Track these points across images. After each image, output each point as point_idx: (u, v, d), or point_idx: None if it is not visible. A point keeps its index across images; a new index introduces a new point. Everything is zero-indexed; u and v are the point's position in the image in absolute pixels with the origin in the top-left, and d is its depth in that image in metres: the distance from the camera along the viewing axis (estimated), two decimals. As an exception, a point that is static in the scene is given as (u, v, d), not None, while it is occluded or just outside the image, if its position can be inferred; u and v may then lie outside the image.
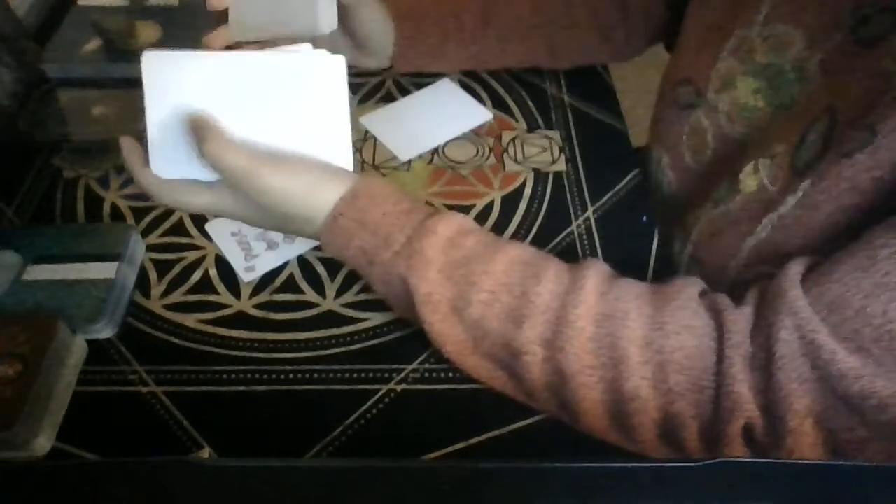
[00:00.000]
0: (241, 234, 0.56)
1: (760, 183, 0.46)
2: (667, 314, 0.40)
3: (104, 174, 0.61)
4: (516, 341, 0.42)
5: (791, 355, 0.37)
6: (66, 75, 0.68)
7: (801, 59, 0.46)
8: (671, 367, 0.39)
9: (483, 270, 0.43)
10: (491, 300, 0.42)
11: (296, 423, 0.46)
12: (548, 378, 0.42)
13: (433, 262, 0.43)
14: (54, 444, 0.44)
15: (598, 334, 0.40)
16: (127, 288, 0.52)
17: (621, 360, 0.40)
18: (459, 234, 0.45)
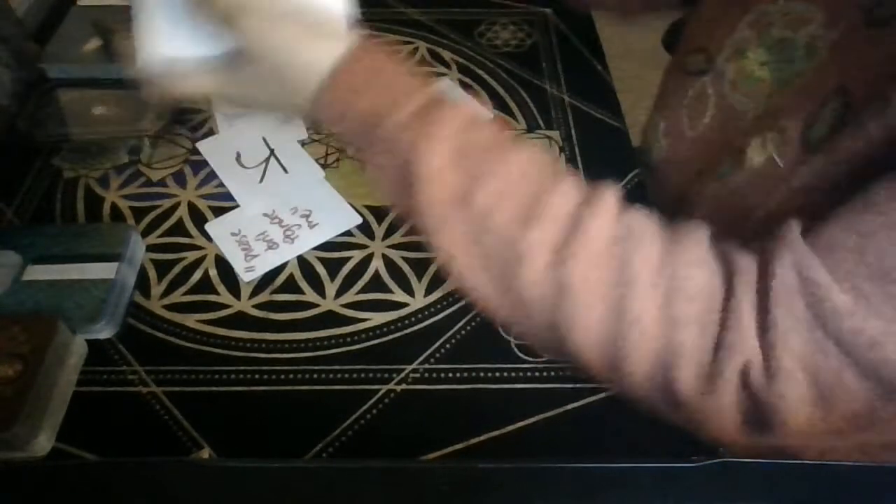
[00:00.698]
0: (240, 234, 0.56)
1: (769, 158, 0.46)
2: (681, 245, 0.39)
3: (104, 174, 0.61)
4: (521, 242, 0.38)
5: (788, 292, 0.36)
6: (66, 75, 0.68)
7: (815, 36, 0.46)
8: (680, 294, 0.38)
9: (499, 160, 0.40)
10: (502, 193, 0.39)
11: (296, 423, 0.46)
12: (545, 288, 0.39)
13: (446, 140, 0.39)
14: (54, 444, 0.44)
15: (610, 252, 0.38)
16: (127, 288, 0.52)
17: (630, 281, 0.38)
18: (475, 118, 0.41)
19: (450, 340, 0.50)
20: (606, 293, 0.38)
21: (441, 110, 0.40)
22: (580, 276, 0.38)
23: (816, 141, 0.43)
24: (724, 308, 0.38)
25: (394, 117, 0.40)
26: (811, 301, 0.36)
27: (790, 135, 0.45)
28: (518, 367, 0.49)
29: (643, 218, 0.41)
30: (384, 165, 0.42)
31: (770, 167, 0.46)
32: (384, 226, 0.58)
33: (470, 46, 0.76)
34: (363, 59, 0.41)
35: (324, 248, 0.56)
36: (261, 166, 0.61)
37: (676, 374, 0.38)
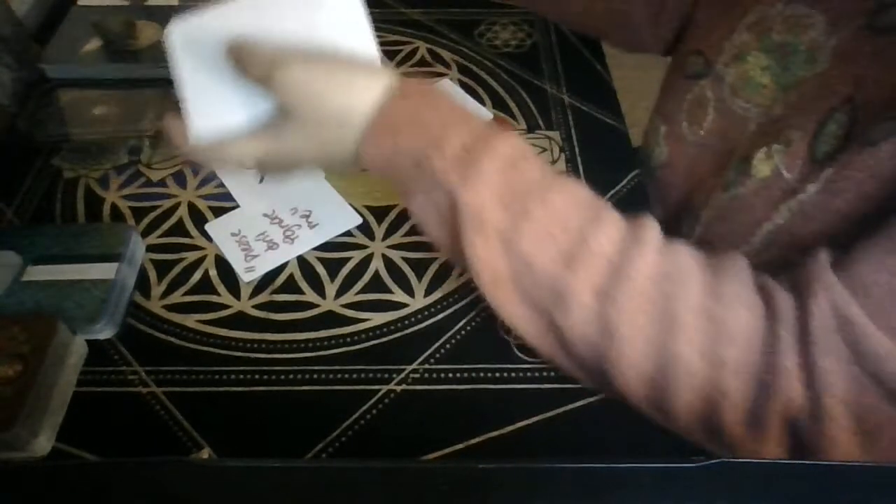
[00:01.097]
0: (240, 234, 0.56)
1: (775, 169, 0.46)
2: (724, 284, 0.39)
3: (104, 174, 0.61)
4: (566, 284, 0.39)
5: (827, 333, 0.36)
6: (66, 75, 0.68)
7: (817, 42, 0.46)
8: (724, 337, 0.38)
9: (541, 201, 0.39)
10: (545, 235, 0.39)
11: (296, 423, 0.46)
12: (590, 329, 0.39)
13: (490, 183, 0.39)
14: (54, 444, 0.44)
15: (655, 294, 0.38)
16: (127, 288, 0.52)
17: (675, 325, 0.38)
18: (521, 157, 0.41)
19: (450, 340, 0.50)
20: (651, 335, 0.38)
21: (482, 152, 0.40)
22: (625, 318, 0.38)
23: (823, 155, 0.43)
24: (767, 350, 0.37)
25: (436, 160, 0.40)
26: (850, 342, 0.36)
27: (796, 146, 0.45)
28: (518, 367, 0.49)
29: (684, 253, 0.40)
30: (427, 206, 0.42)
31: (776, 179, 0.46)
32: (384, 226, 0.58)
33: (470, 46, 0.76)
34: (401, 99, 0.41)
35: (324, 249, 0.56)
36: (261, 166, 0.61)
37: (722, 415, 0.38)
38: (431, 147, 0.40)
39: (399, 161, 0.41)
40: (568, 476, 0.31)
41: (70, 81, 0.68)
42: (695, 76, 0.56)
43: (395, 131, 0.41)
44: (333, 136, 0.43)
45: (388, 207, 0.59)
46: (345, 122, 0.42)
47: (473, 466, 0.32)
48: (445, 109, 0.42)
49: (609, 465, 0.31)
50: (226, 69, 0.43)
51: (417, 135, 0.40)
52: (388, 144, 0.41)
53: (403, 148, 0.41)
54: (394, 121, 0.41)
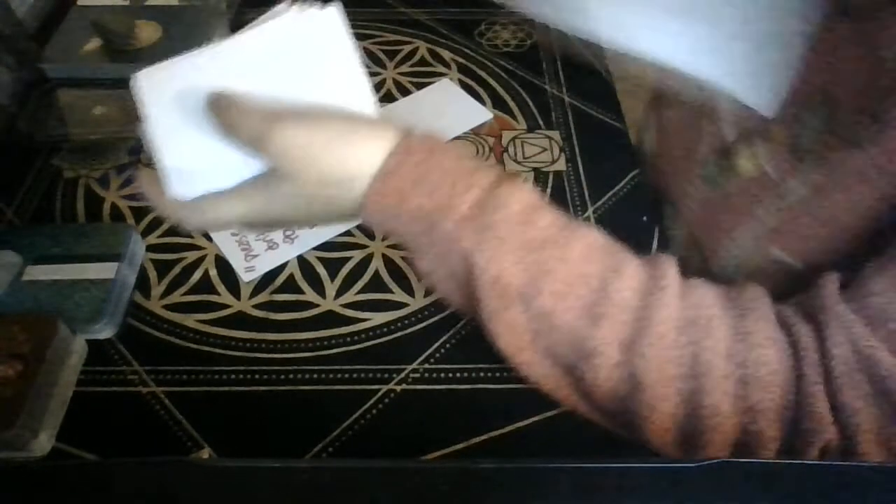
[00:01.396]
0: (241, 234, 0.56)
1: (759, 167, 0.46)
2: (749, 324, 0.38)
3: (104, 174, 0.61)
4: (590, 340, 0.38)
5: (850, 371, 0.36)
6: (66, 75, 0.68)
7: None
8: (754, 382, 0.37)
9: (560, 257, 0.38)
10: (566, 292, 0.38)
11: (296, 423, 0.46)
12: (617, 384, 0.38)
13: (505, 242, 0.38)
14: (54, 444, 0.44)
15: (681, 342, 0.37)
16: (127, 288, 0.52)
17: (704, 373, 0.37)
18: (533, 210, 0.39)
19: (450, 340, 0.50)
20: (680, 387, 0.37)
21: (495, 208, 0.38)
22: (654, 371, 0.37)
23: (804, 151, 0.43)
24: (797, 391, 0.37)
25: (446, 222, 0.38)
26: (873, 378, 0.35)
27: (778, 143, 0.45)
28: (518, 367, 0.49)
29: (705, 293, 0.39)
30: (439, 266, 0.40)
31: (762, 178, 0.46)
32: (384, 226, 0.58)
33: (470, 46, 0.76)
34: (405, 158, 0.39)
35: (324, 248, 0.56)
36: (261, 166, 0.61)
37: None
38: (440, 209, 0.38)
39: (406, 225, 0.39)
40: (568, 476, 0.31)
41: (70, 81, 0.68)
42: None
43: (401, 194, 0.38)
44: (332, 199, 0.40)
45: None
46: (346, 186, 0.39)
47: (473, 466, 0.32)
48: (452, 166, 0.39)
49: (609, 465, 0.31)
50: (206, 126, 0.39)
51: (425, 197, 0.38)
52: (394, 209, 0.39)
53: (411, 211, 0.39)
54: (399, 183, 0.38)
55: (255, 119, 0.38)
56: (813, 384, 0.36)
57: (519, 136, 0.65)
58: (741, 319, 0.38)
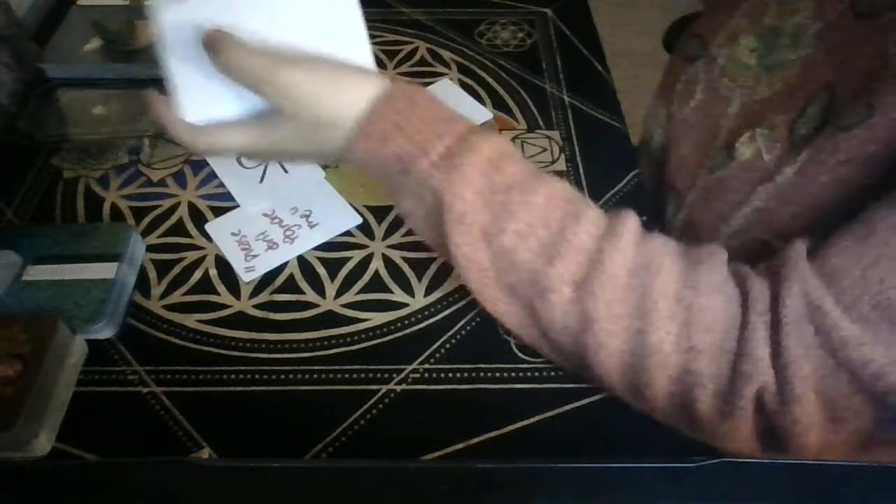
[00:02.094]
0: (240, 234, 0.56)
1: (756, 152, 0.47)
2: (700, 273, 0.40)
3: (104, 174, 0.61)
4: (545, 277, 0.41)
5: (798, 321, 0.37)
6: (66, 75, 0.68)
7: (801, 25, 0.47)
8: (698, 325, 0.39)
9: (522, 201, 0.41)
10: (526, 232, 0.41)
11: (296, 423, 0.46)
12: (569, 320, 0.41)
13: (472, 183, 0.41)
14: (54, 444, 0.44)
15: (631, 284, 0.40)
16: (127, 288, 0.52)
17: (649, 312, 0.39)
18: (501, 156, 0.43)
19: (450, 340, 0.50)
20: (627, 324, 0.40)
21: (466, 152, 0.42)
22: (602, 307, 0.40)
23: (800, 138, 0.44)
24: (740, 337, 0.39)
25: (421, 163, 0.42)
26: (821, 330, 0.37)
27: (779, 131, 0.46)
28: (518, 367, 0.49)
29: (662, 245, 0.42)
30: (414, 206, 0.44)
31: (757, 161, 0.47)
32: (384, 226, 0.58)
33: (470, 46, 0.76)
34: (391, 103, 0.42)
35: (324, 248, 0.56)
36: (261, 166, 0.61)
37: (695, 400, 0.40)
38: (417, 151, 0.42)
39: (386, 165, 0.43)
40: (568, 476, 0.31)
41: (70, 81, 0.68)
42: (691, 58, 0.57)
43: (383, 137, 0.42)
44: (324, 137, 0.44)
45: (388, 207, 0.59)
46: (336, 125, 0.43)
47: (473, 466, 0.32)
48: (432, 113, 0.43)
49: (609, 465, 0.31)
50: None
51: (404, 140, 0.42)
52: (376, 149, 0.43)
53: (391, 153, 0.42)
54: (381, 126, 0.42)
55: (257, 60, 0.41)
56: (754, 330, 0.38)
57: (519, 136, 0.65)
58: (692, 268, 0.41)
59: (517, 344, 0.50)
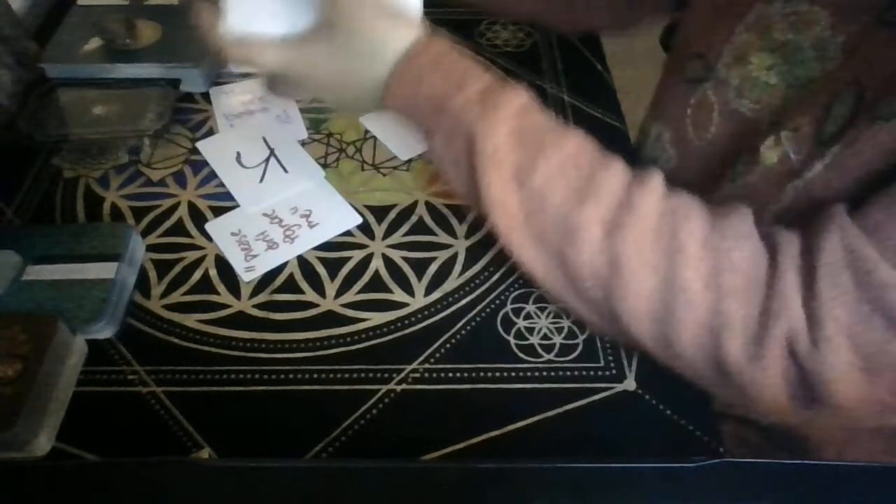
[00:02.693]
0: (240, 234, 0.56)
1: (783, 154, 0.47)
2: (728, 221, 0.41)
3: (104, 174, 0.61)
4: (576, 218, 0.41)
5: (834, 265, 0.37)
6: (66, 75, 0.68)
7: (823, 38, 0.46)
8: (727, 266, 0.39)
9: (554, 142, 0.43)
10: (557, 173, 0.42)
11: (296, 423, 0.46)
12: (598, 263, 0.41)
13: (506, 121, 0.42)
14: (54, 444, 0.44)
15: (660, 227, 0.41)
16: (127, 288, 0.52)
17: (679, 252, 0.40)
18: (532, 106, 0.44)
19: (450, 340, 0.50)
20: (657, 265, 0.40)
21: (501, 94, 0.43)
22: (632, 249, 0.40)
23: (829, 137, 0.43)
24: (768, 278, 0.39)
25: (456, 100, 0.43)
26: (858, 273, 0.37)
27: (804, 132, 0.45)
28: (518, 367, 0.49)
29: (689, 198, 0.43)
30: (446, 146, 0.45)
31: (783, 164, 0.46)
32: (384, 226, 0.58)
33: (470, 46, 0.76)
34: (431, 46, 0.44)
35: (324, 248, 0.56)
36: (261, 166, 0.61)
37: (724, 342, 0.39)
38: (453, 89, 0.43)
39: (420, 103, 0.45)
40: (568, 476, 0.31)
41: (70, 81, 0.68)
42: (696, 80, 0.55)
43: (420, 76, 0.44)
44: (362, 65, 0.45)
45: (388, 207, 0.59)
46: (377, 56, 0.45)
47: (473, 466, 0.32)
48: (466, 62, 0.45)
49: (609, 465, 0.32)
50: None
51: (440, 78, 0.44)
52: (412, 87, 0.44)
53: (426, 91, 0.44)
54: (419, 66, 0.44)
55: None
56: (784, 271, 0.39)
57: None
58: (720, 219, 0.41)
59: (517, 344, 0.50)
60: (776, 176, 0.47)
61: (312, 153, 0.63)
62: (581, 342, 0.50)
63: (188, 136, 0.65)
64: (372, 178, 0.61)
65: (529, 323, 0.51)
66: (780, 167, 0.47)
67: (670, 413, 0.46)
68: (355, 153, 0.63)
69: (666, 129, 0.59)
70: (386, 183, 0.61)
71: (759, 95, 0.51)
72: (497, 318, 0.52)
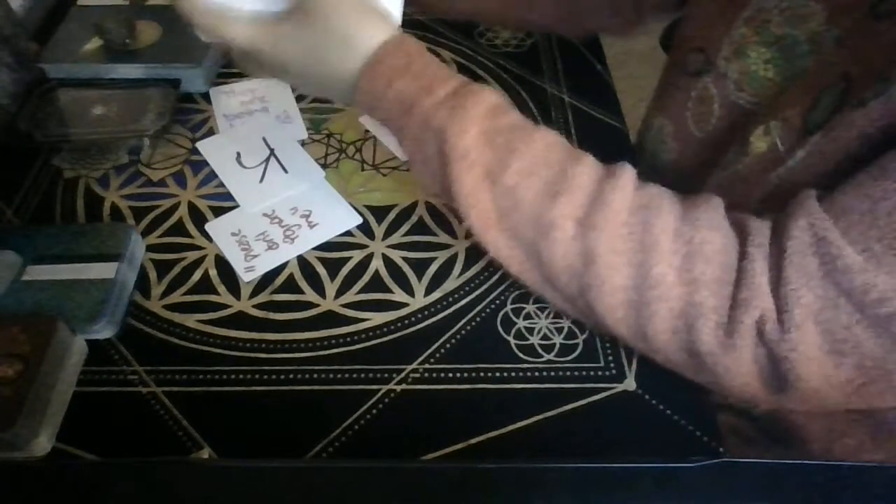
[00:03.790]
0: (240, 234, 0.56)
1: (772, 144, 0.47)
2: (698, 212, 0.42)
3: (104, 174, 0.61)
4: (549, 215, 0.42)
5: (802, 251, 0.38)
6: (66, 75, 0.68)
7: (817, 33, 0.47)
8: (698, 257, 0.40)
9: (524, 141, 0.43)
10: (529, 171, 0.42)
11: (296, 423, 0.46)
12: (572, 258, 0.42)
13: (476, 121, 0.43)
14: (54, 444, 0.44)
15: (632, 221, 0.41)
16: (127, 288, 0.52)
17: (651, 247, 0.41)
18: (501, 105, 0.45)
19: (450, 340, 0.50)
20: (629, 258, 0.41)
21: (470, 95, 0.43)
22: (605, 243, 0.41)
23: (814, 126, 0.44)
24: (738, 268, 0.40)
25: (425, 102, 0.43)
26: (824, 259, 0.38)
27: (792, 122, 0.46)
28: (518, 367, 0.49)
29: (659, 190, 0.44)
30: (417, 146, 0.45)
31: (771, 152, 0.47)
32: (384, 226, 0.58)
33: (470, 46, 0.76)
34: (402, 47, 0.45)
35: (324, 248, 0.56)
36: (261, 166, 0.61)
37: (697, 332, 0.40)
38: (422, 91, 0.43)
39: (389, 103, 0.44)
40: (568, 476, 0.31)
41: (70, 81, 0.68)
42: (696, 73, 0.56)
43: (390, 76, 0.44)
44: (331, 56, 0.45)
45: (388, 207, 0.59)
46: (347, 44, 0.44)
47: (473, 466, 0.32)
48: (436, 64, 0.45)
49: (609, 465, 0.32)
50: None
51: (410, 79, 0.44)
52: (382, 86, 0.44)
53: (395, 91, 0.44)
54: (390, 66, 0.44)
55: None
56: (752, 260, 0.39)
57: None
58: (691, 209, 0.42)
59: (517, 344, 0.50)
60: (763, 164, 0.48)
61: (312, 153, 0.63)
62: (581, 342, 0.50)
63: (188, 136, 0.65)
64: (372, 178, 0.61)
65: (529, 323, 0.51)
66: (767, 156, 0.47)
67: (670, 413, 0.46)
68: (355, 153, 0.63)
69: (667, 122, 0.60)
70: (386, 183, 0.61)
71: (758, 89, 0.51)
72: (497, 318, 0.52)
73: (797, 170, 0.45)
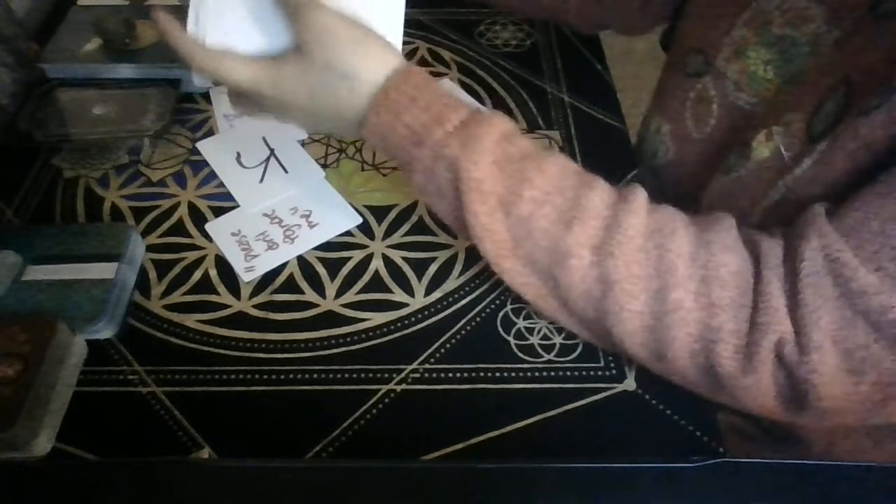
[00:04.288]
0: (240, 234, 0.56)
1: (775, 149, 0.47)
2: (712, 234, 0.42)
3: (104, 174, 0.61)
4: (564, 243, 0.42)
5: (816, 273, 0.38)
6: (66, 75, 0.68)
7: (818, 34, 0.47)
8: (715, 281, 0.40)
9: (537, 169, 0.43)
10: (542, 199, 0.42)
11: (296, 423, 0.46)
12: (589, 285, 0.42)
13: (488, 152, 0.43)
14: (54, 444, 0.44)
15: (648, 246, 0.41)
16: (127, 288, 0.52)
17: (668, 272, 0.40)
18: (513, 132, 0.45)
19: (450, 340, 0.50)
20: (647, 284, 0.41)
21: (480, 125, 0.43)
22: (622, 270, 0.41)
23: (818, 133, 0.44)
24: (756, 291, 0.40)
25: (437, 132, 0.43)
26: (839, 281, 0.38)
27: (795, 127, 0.46)
28: (518, 367, 0.49)
29: (672, 212, 0.43)
30: (429, 178, 0.44)
31: (775, 159, 0.47)
32: (384, 226, 0.58)
33: (470, 46, 0.76)
34: (409, 78, 0.44)
35: (324, 248, 0.56)
36: (261, 166, 0.61)
37: (716, 355, 0.40)
38: (432, 122, 0.43)
39: (398, 136, 0.44)
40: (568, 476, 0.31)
41: (70, 81, 0.68)
42: (695, 74, 0.56)
43: (398, 110, 0.44)
44: (335, 93, 0.44)
45: (388, 207, 0.59)
46: (353, 83, 0.44)
47: (473, 466, 0.32)
48: (444, 94, 0.45)
49: (609, 465, 0.32)
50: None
51: (419, 111, 0.43)
52: (390, 118, 0.44)
53: (404, 124, 0.43)
54: (397, 99, 0.44)
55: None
56: (768, 283, 0.39)
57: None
58: (704, 230, 0.42)
59: (517, 344, 0.50)
60: (767, 171, 0.47)
61: (312, 153, 0.63)
62: (581, 342, 0.50)
63: (188, 136, 0.65)
64: (372, 178, 0.61)
65: (529, 323, 0.51)
66: (771, 162, 0.47)
67: (670, 413, 0.46)
68: (355, 153, 0.63)
69: (666, 123, 0.60)
70: (386, 183, 0.61)
71: (757, 90, 0.51)
72: (497, 318, 0.52)
73: (804, 179, 0.44)
